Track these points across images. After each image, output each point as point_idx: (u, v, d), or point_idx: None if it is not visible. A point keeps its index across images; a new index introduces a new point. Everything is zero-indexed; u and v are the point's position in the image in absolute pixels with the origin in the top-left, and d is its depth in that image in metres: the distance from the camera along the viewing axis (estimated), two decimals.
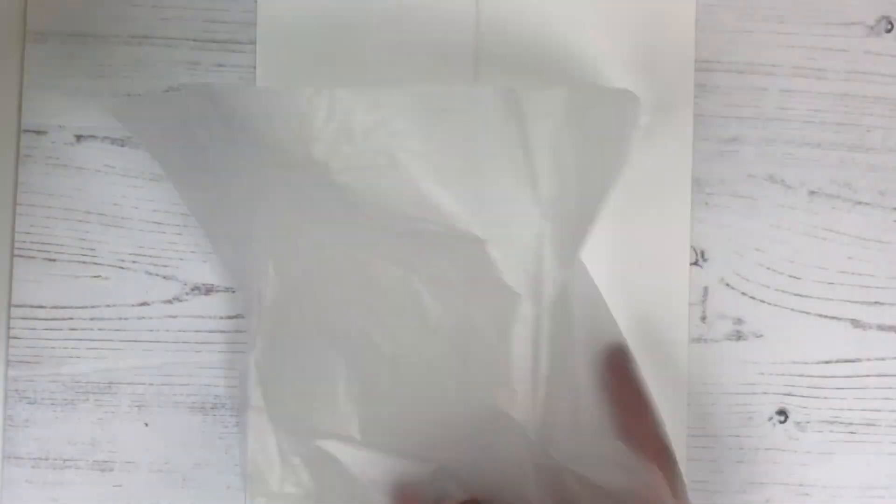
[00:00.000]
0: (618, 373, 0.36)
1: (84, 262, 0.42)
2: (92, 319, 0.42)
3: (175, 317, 0.42)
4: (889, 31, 0.42)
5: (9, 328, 0.42)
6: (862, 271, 0.42)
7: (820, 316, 0.42)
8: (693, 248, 0.42)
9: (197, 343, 0.42)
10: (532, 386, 0.38)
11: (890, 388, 0.41)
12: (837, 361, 0.41)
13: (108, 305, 0.42)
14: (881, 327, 0.41)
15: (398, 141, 0.36)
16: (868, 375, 0.41)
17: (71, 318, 0.42)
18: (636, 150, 0.41)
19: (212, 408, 0.42)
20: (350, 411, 0.40)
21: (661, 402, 0.41)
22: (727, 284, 0.41)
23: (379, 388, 0.39)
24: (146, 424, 0.41)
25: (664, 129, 0.41)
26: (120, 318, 0.42)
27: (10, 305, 0.42)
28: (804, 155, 0.42)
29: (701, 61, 0.42)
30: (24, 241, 0.42)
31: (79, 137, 0.42)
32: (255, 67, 0.42)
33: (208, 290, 0.42)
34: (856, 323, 0.41)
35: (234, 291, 0.42)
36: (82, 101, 0.42)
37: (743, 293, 0.41)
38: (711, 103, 0.42)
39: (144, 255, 0.42)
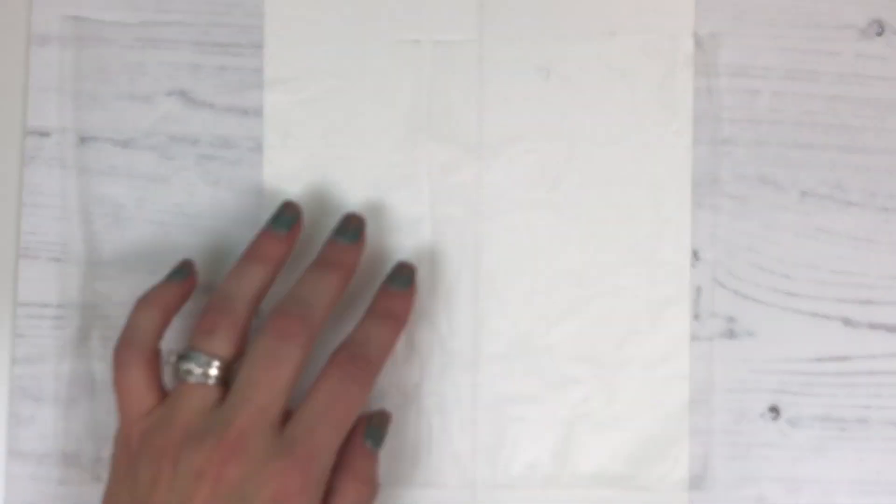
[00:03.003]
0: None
1: (88, 262, 0.42)
2: (96, 318, 0.42)
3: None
4: (880, 34, 0.42)
5: (14, 326, 0.42)
6: (853, 270, 0.42)
7: (812, 314, 0.42)
8: None
9: None
10: None
11: (881, 385, 0.41)
12: (829, 359, 0.42)
13: (112, 304, 0.42)
14: (872, 325, 0.42)
15: None
16: (859, 373, 0.42)
17: (75, 317, 0.42)
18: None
19: None
20: None
21: (664, 399, 0.41)
22: (720, 283, 0.42)
23: None
24: None
25: (661, 157, 0.42)
26: (124, 318, 0.42)
27: (15, 304, 0.42)
28: (796, 156, 0.42)
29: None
30: (30, 241, 0.42)
31: (83, 139, 0.42)
32: (257, 71, 0.42)
33: (210, 289, 0.42)
34: (847, 321, 0.42)
35: None
36: (86, 103, 0.42)
37: (735, 292, 0.42)
38: (704, 105, 0.42)
39: (148, 256, 0.42)
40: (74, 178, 0.42)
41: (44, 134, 0.42)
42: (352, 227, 0.40)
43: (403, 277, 0.40)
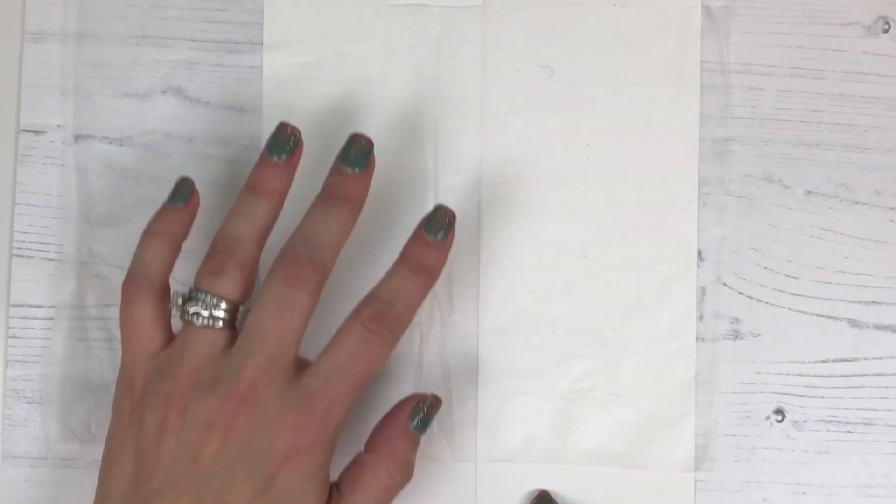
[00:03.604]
0: None
1: (83, 262, 0.42)
2: (91, 319, 0.42)
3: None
4: (886, 31, 0.42)
5: (7, 328, 0.42)
6: (859, 271, 0.42)
7: (817, 315, 0.42)
8: None
9: None
10: None
11: (887, 387, 0.41)
12: (835, 361, 0.41)
13: (106, 305, 0.42)
14: (878, 327, 0.42)
15: None
16: (865, 375, 0.41)
17: (69, 318, 0.42)
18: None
19: None
20: None
21: (669, 376, 0.41)
22: (724, 284, 0.41)
23: None
24: None
25: (669, 130, 0.42)
26: (119, 318, 0.41)
27: (8, 305, 0.42)
28: (801, 155, 0.42)
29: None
30: (23, 241, 0.42)
31: (77, 137, 0.42)
32: (254, 68, 0.42)
33: None
34: (853, 322, 0.41)
35: None
36: (81, 100, 0.42)
37: (740, 293, 0.41)
38: (709, 103, 0.42)
39: None
40: (69, 176, 0.42)
41: (38, 132, 0.42)
42: (359, 152, 0.37)
43: (441, 225, 0.36)
